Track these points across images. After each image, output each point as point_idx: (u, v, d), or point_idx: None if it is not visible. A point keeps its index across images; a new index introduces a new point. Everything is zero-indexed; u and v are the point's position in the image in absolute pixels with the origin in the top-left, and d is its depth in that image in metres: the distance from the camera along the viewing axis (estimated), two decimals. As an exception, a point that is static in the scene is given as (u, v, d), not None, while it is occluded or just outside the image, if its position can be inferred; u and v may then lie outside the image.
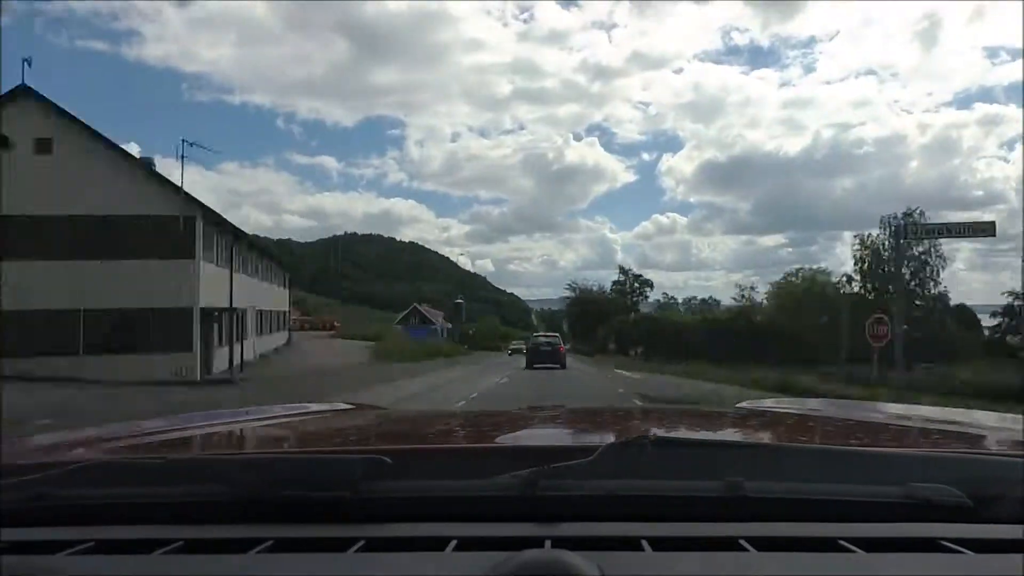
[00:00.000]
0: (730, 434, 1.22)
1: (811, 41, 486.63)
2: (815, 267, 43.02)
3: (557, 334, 33.14)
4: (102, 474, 0.72)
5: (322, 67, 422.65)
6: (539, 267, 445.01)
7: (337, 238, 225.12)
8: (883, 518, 0.61)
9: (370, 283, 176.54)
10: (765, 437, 1.14)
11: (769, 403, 1.80)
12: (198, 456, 0.94)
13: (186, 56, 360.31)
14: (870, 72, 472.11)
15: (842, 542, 0.57)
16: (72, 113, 19.27)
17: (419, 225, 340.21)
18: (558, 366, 23.55)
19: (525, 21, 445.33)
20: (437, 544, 0.59)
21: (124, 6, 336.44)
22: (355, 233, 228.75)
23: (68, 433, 1.24)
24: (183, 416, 1.51)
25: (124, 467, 0.77)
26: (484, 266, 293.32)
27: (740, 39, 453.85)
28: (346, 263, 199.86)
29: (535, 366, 23.71)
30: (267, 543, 0.60)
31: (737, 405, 1.85)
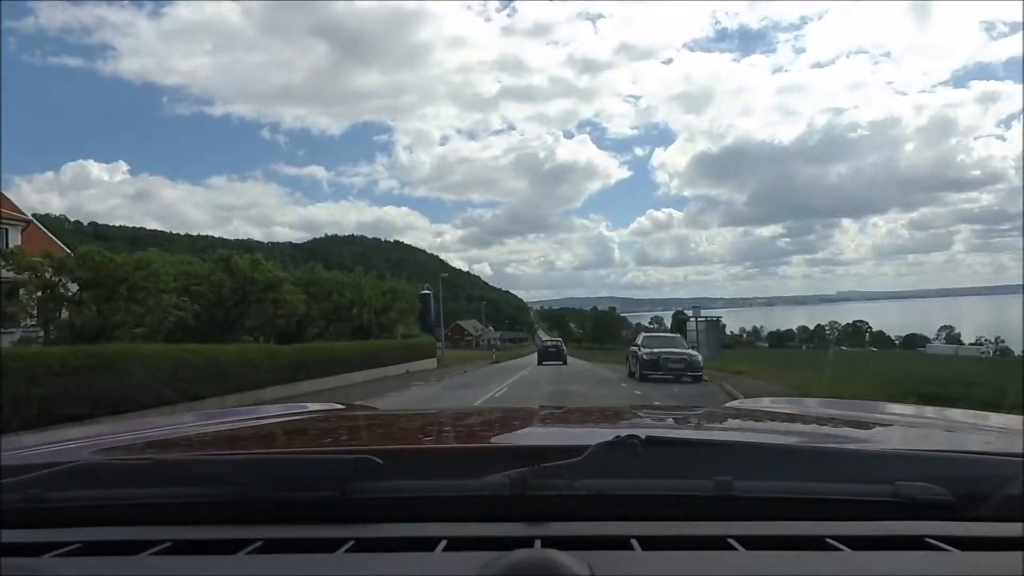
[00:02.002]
0: (719, 433, 1.25)
1: (801, 22, 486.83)
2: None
3: (560, 339, 49.50)
4: (90, 476, 0.73)
5: (303, 73, 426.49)
6: (537, 268, 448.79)
7: (316, 240, 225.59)
8: (870, 516, 0.63)
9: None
10: (754, 436, 1.19)
11: (760, 402, 1.90)
12: (186, 457, 0.95)
13: (163, 69, 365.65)
14: (862, 51, 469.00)
15: (829, 540, 0.59)
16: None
17: (413, 232, 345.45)
18: (561, 362, 35.17)
19: (508, 15, 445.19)
20: (427, 544, 0.60)
21: (95, 19, 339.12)
22: (336, 235, 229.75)
23: (57, 434, 1.29)
24: (173, 417, 1.60)
25: (112, 468, 0.79)
26: (482, 270, 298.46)
27: (729, 23, 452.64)
28: (315, 263, 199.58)
29: (545, 363, 34.26)
30: (256, 544, 0.61)
31: (726, 404, 1.92)
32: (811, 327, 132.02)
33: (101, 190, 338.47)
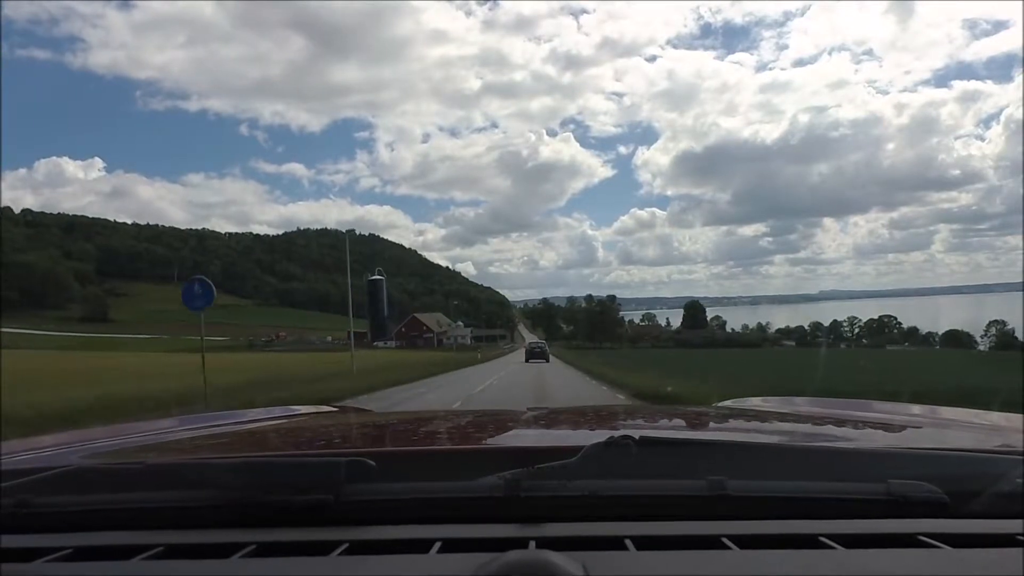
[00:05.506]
0: (712, 433, 1.26)
1: (785, 18, 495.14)
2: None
3: (544, 340, 58.47)
4: (83, 480, 0.74)
5: (280, 67, 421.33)
6: (521, 268, 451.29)
7: (287, 234, 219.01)
8: (863, 515, 0.65)
9: (304, 280, 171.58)
10: (747, 436, 1.19)
11: (751, 401, 1.91)
12: (179, 460, 0.95)
13: (135, 62, 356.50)
14: (844, 49, 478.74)
15: (823, 539, 0.60)
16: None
17: (396, 231, 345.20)
18: (545, 360, 42.09)
19: (489, 9, 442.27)
20: (422, 546, 0.61)
21: (63, 10, 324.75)
22: (308, 229, 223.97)
23: (49, 438, 1.29)
24: (165, 420, 1.61)
25: (105, 473, 0.79)
26: (465, 268, 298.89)
27: (713, 19, 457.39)
28: (278, 257, 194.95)
29: (530, 361, 41.41)
30: (250, 547, 0.62)
31: (719, 404, 1.92)
32: (825, 323, 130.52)
33: (76, 187, 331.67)
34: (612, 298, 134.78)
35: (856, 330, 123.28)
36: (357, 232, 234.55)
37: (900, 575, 0.55)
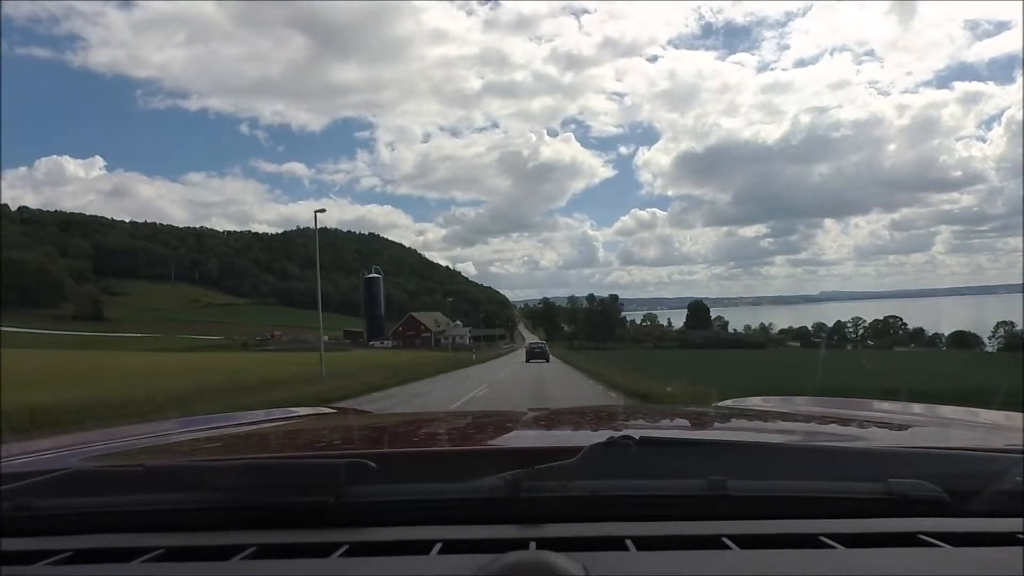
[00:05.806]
0: (712, 433, 1.26)
1: (786, 18, 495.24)
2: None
3: (544, 341, 59.50)
4: (82, 483, 0.74)
5: (280, 66, 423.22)
6: (521, 268, 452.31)
7: (286, 233, 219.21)
8: (863, 514, 0.65)
9: (303, 279, 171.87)
10: (747, 435, 1.20)
11: (751, 401, 1.91)
12: (179, 463, 0.95)
13: (135, 61, 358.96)
14: (846, 49, 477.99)
15: (823, 538, 0.60)
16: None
17: (396, 231, 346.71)
18: (545, 360, 42.33)
19: (491, 8, 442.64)
20: (422, 547, 0.61)
21: (64, 9, 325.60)
22: (307, 228, 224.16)
23: (48, 441, 1.29)
24: (164, 423, 1.63)
25: (105, 475, 0.80)
26: (466, 268, 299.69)
27: (715, 19, 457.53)
28: (276, 255, 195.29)
29: (531, 361, 41.76)
30: (250, 549, 0.62)
31: (718, 404, 1.91)
32: (830, 324, 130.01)
33: (77, 186, 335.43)
34: (614, 298, 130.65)
35: (861, 331, 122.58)
36: (355, 232, 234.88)
37: (901, 574, 0.55)
